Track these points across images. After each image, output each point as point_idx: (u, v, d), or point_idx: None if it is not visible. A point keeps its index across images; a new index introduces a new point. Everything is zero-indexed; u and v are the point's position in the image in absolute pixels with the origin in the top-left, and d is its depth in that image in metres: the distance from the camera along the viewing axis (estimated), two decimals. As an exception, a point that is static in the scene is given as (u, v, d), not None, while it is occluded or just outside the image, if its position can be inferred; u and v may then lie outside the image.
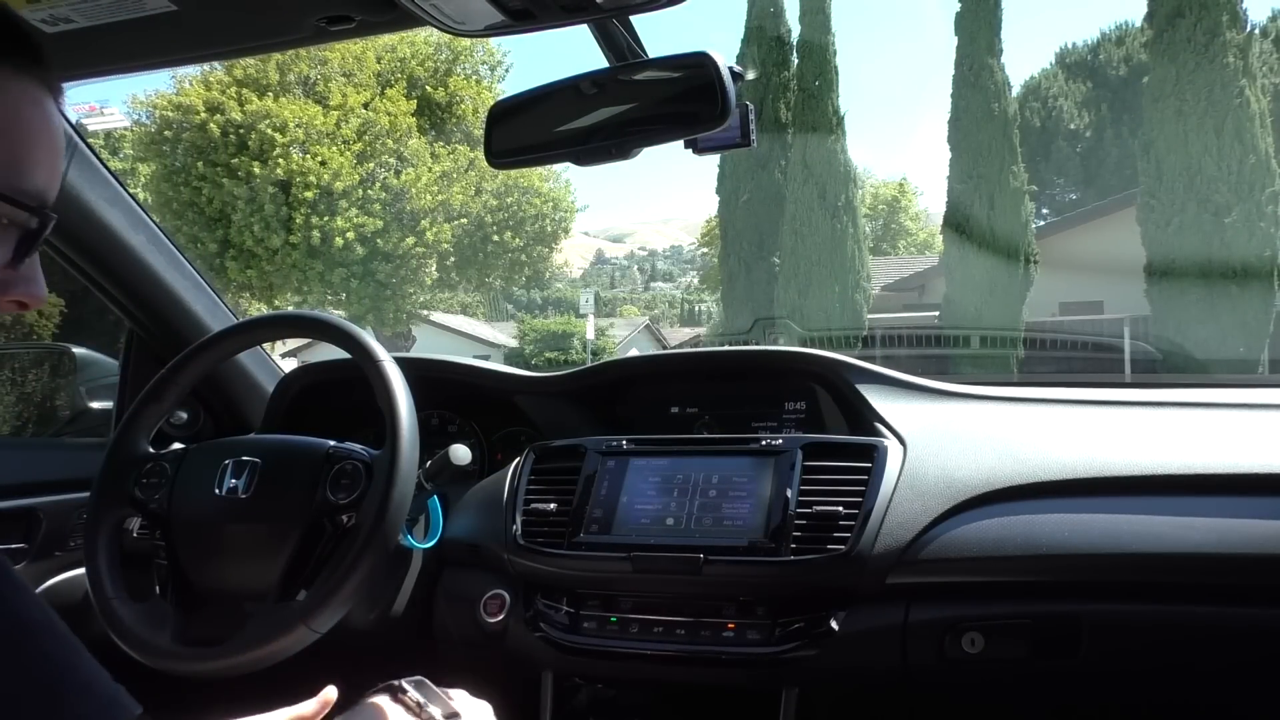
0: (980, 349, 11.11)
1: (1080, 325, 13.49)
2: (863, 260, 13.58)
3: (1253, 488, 1.09)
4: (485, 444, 1.59)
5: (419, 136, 16.93)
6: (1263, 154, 10.75)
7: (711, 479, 1.23)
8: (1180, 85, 10.95)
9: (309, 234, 15.76)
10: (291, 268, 16.38)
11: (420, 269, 16.93)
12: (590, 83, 0.95)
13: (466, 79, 18.12)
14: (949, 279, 13.01)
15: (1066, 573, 1.10)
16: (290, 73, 16.47)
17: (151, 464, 1.20)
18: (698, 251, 54.21)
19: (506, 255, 18.12)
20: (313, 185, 15.65)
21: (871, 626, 1.12)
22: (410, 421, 1.10)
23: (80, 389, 1.82)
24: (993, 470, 1.16)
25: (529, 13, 0.82)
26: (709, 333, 21.52)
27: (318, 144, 15.87)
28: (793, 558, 1.13)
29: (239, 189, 15.67)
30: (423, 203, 16.41)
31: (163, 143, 16.10)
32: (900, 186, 34.15)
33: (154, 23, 0.90)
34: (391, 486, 1.06)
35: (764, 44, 14.06)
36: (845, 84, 13.85)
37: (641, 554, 1.18)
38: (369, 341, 1.17)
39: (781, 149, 13.84)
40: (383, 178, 16.39)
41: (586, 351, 18.76)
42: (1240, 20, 11.13)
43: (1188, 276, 10.76)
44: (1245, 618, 1.06)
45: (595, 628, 1.20)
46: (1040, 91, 26.73)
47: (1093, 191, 23.72)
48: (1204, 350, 10.56)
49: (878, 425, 1.28)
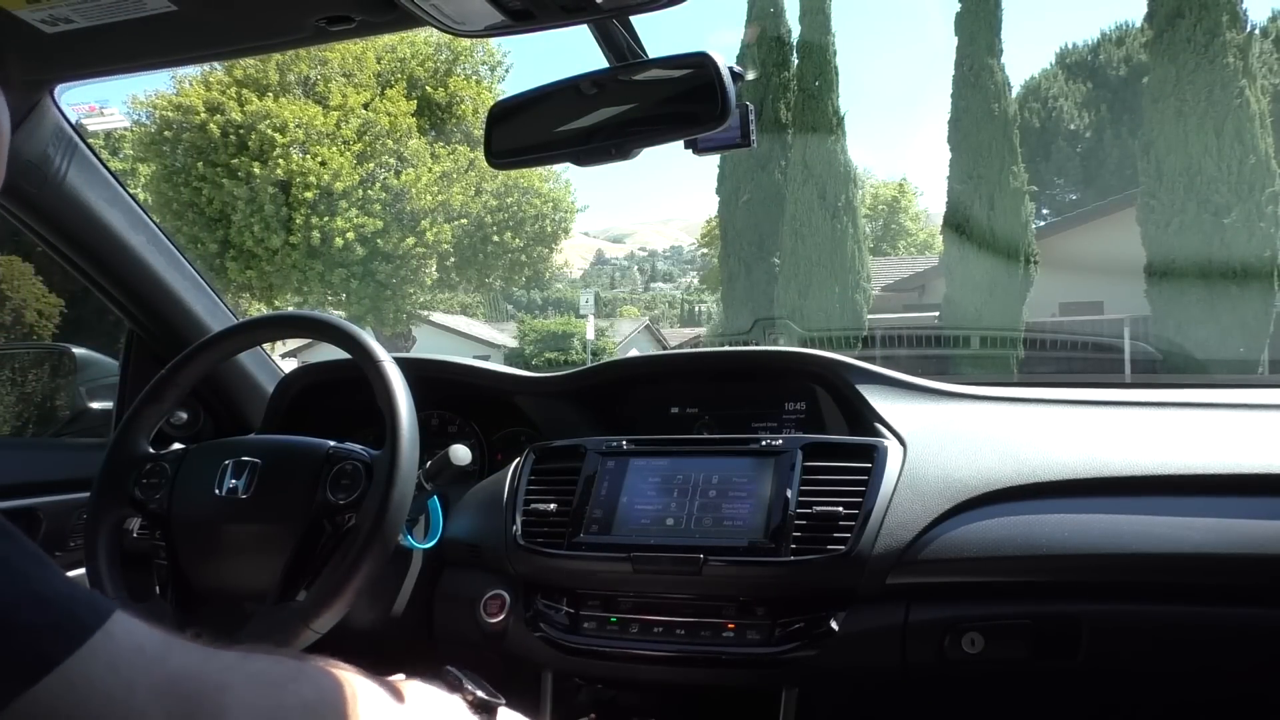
0: (980, 349, 11.11)
1: (1080, 325, 13.49)
2: (863, 260, 13.57)
3: (1252, 488, 1.09)
4: (485, 444, 1.59)
5: (419, 137, 16.93)
6: (1262, 154, 10.75)
7: (711, 479, 1.23)
8: (1180, 85, 10.94)
9: (309, 234, 15.76)
10: (291, 268, 16.38)
11: (420, 269, 16.94)
12: (590, 83, 0.95)
13: (466, 79, 18.13)
14: (949, 279, 13.00)
15: (1066, 573, 1.10)
16: (290, 73, 16.48)
17: (151, 464, 1.20)
18: (698, 252, 54.26)
19: (506, 256, 18.13)
20: (313, 185, 15.65)
21: (871, 627, 1.12)
22: (410, 422, 1.10)
23: (80, 389, 1.82)
24: (993, 470, 1.16)
25: (529, 13, 0.82)
26: (709, 333, 21.51)
27: (318, 144, 15.88)
28: (793, 558, 1.13)
29: (239, 189, 15.68)
30: (423, 203, 16.42)
31: (163, 143, 16.11)
32: (900, 187, 34.17)
33: (154, 23, 0.90)
34: (391, 487, 1.06)
35: (764, 44, 14.06)
36: (845, 84, 13.86)
37: (641, 554, 1.18)
38: (369, 342, 1.17)
39: (781, 149, 13.84)
40: (383, 178, 16.40)
41: (586, 352, 18.76)
42: (1240, 20, 11.13)
43: (1188, 277, 10.76)
44: (1245, 618, 1.06)
45: (595, 628, 1.20)
46: (1040, 92, 26.73)
47: (1093, 192, 23.72)
48: (1204, 350, 10.56)
49: (878, 426, 1.28)
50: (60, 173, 1.26)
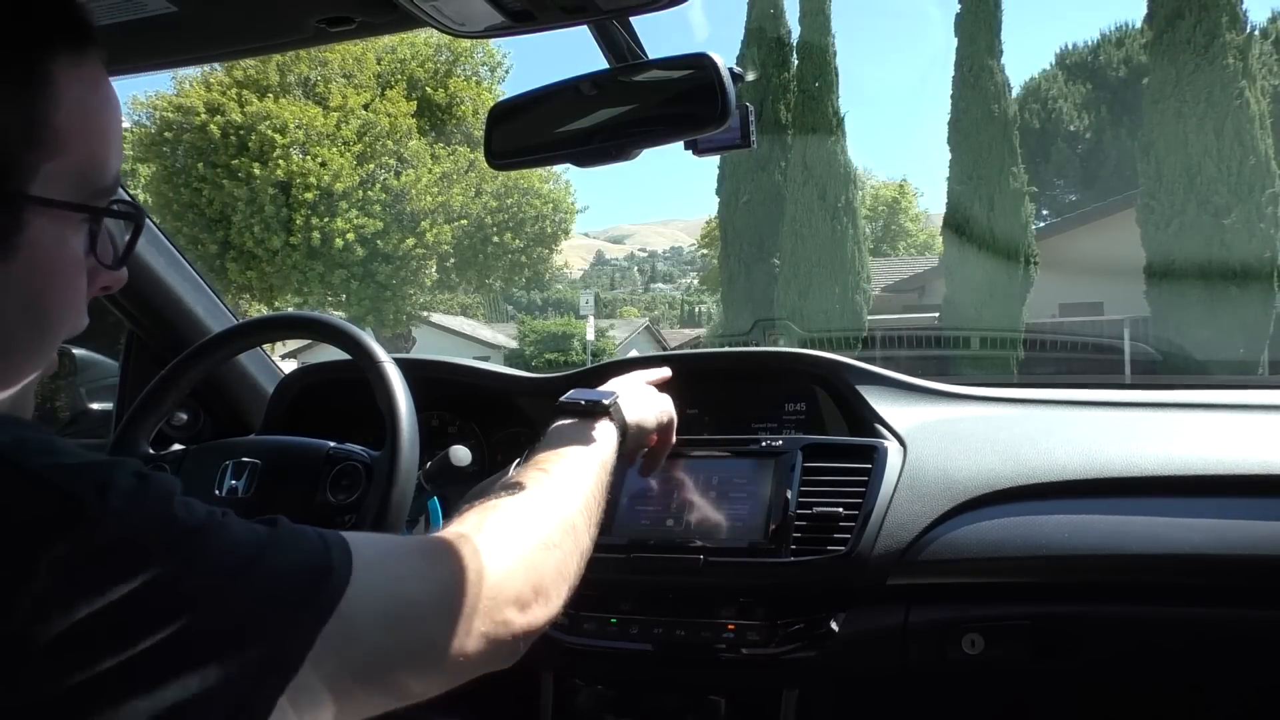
0: (980, 350, 11.10)
1: (1080, 326, 13.49)
2: (863, 261, 13.58)
3: (1253, 488, 1.09)
4: (485, 445, 1.58)
5: (419, 138, 16.94)
6: (1262, 155, 10.75)
7: (711, 480, 1.23)
8: (1180, 87, 10.95)
9: (309, 235, 15.76)
10: (291, 269, 16.38)
11: (420, 270, 16.95)
12: (590, 84, 0.95)
13: (466, 80, 18.15)
14: (949, 280, 13.01)
15: (1067, 574, 1.10)
16: (290, 74, 16.49)
17: (151, 465, 1.20)
18: (698, 253, 54.25)
19: (506, 256, 18.14)
20: (313, 186, 15.66)
21: (872, 627, 1.12)
22: (410, 423, 1.10)
23: (80, 390, 1.82)
24: (993, 471, 1.16)
25: (529, 14, 0.82)
26: (709, 334, 21.52)
27: (318, 145, 15.89)
28: (793, 559, 1.13)
29: (239, 190, 15.68)
30: (423, 204, 16.42)
31: (163, 144, 16.12)
32: (900, 188, 34.20)
33: (154, 24, 0.90)
34: (391, 488, 1.06)
35: (764, 45, 14.06)
36: (845, 85, 13.88)
37: (642, 555, 1.18)
38: (369, 342, 1.17)
39: (781, 150, 13.85)
40: (383, 179, 16.40)
41: (586, 353, 18.76)
42: (1240, 22, 11.14)
43: (1187, 278, 10.76)
44: (1245, 619, 1.06)
45: (595, 628, 1.20)
46: (1040, 93, 26.75)
47: (1093, 193, 23.72)
48: (1204, 351, 10.56)
49: (878, 426, 1.28)
50: (60, 173, 1.26)
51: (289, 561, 0.53)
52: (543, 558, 0.70)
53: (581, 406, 0.93)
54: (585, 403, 0.93)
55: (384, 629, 0.56)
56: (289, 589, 0.51)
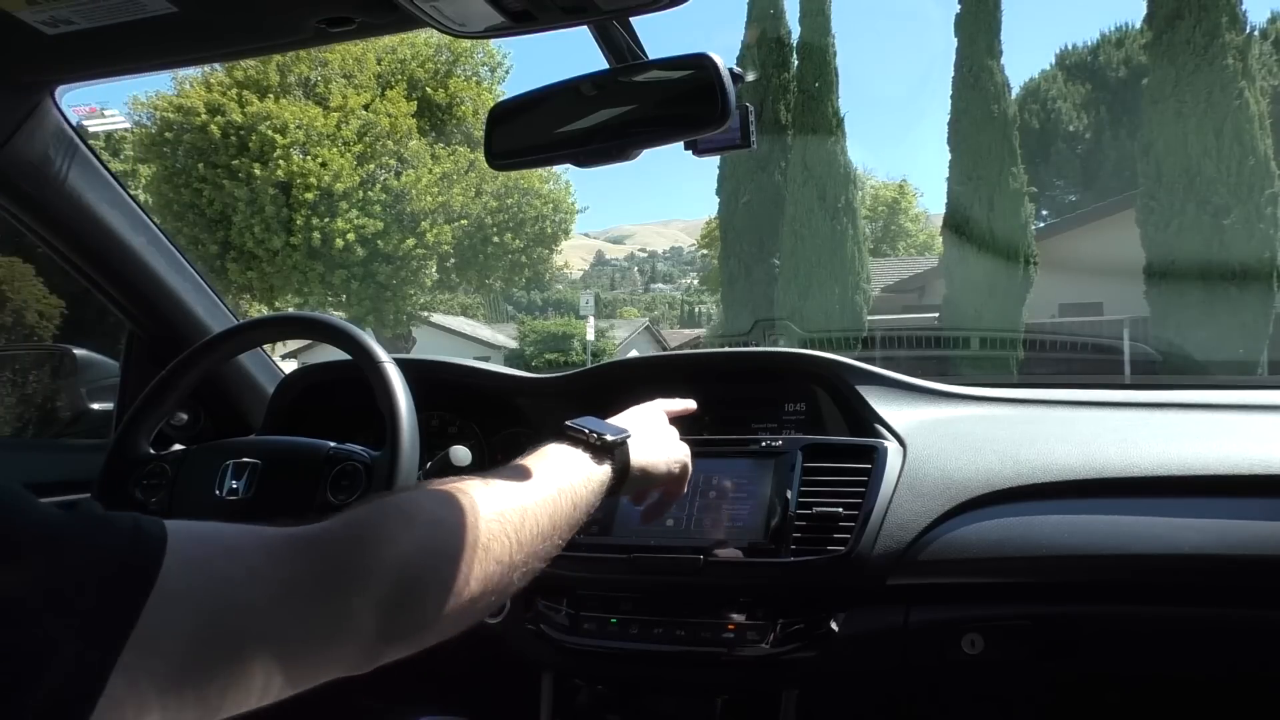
0: (980, 350, 11.08)
1: (1080, 327, 13.48)
2: (862, 261, 13.57)
3: (1252, 488, 1.09)
4: (485, 445, 1.58)
5: (419, 138, 16.94)
6: (1262, 156, 10.74)
7: (711, 480, 1.23)
8: (1179, 87, 10.95)
9: (309, 235, 15.76)
10: (292, 269, 16.38)
11: (420, 270, 16.94)
12: (590, 84, 0.95)
13: (466, 80, 18.14)
14: (949, 280, 13.01)
15: (1066, 574, 1.10)
16: (291, 74, 16.49)
17: (152, 465, 1.20)
18: (698, 253, 54.22)
19: (507, 257, 18.13)
20: (313, 187, 15.66)
21: (871, 628, 1.12)
22: (410, 423, 1.10)
23: (81, 390, 1.82)
24: (993, 471, 1.16)
25: (529, 14, 0.82)
26: (709, 334, 21.52)
27: (318, 145, 15.88)
28: (792, 559, 1.13)
29: (240, 190, 15.68)
30: (423, 204, 16.42)
31: (163, 144, 16.12)
32: (900, 188, 34.19)
33: (154, 24, 0.90)
34: (392, 488, 1.06)
35: (764, 45, 14.06)
36: (845, 85, 13.87)
37: (642, 555, 1.18)
38: (369, 343, 1.17)
39: (781, 150, 13.85)
40: (383, 179, 16.40)
41: (586, 353, 18.76)
42: (1239, 22, 11.13)
43: (1187, 278, 10.75)
44: (1245, 619, 1.06)
45: (595, 629, 1.20)
46: (1040, 93, 26.74)
47: (1092, 193, 23.72)
48: (1203, 352, 10.55)
49: (877, 426, 1.28)
50: (61, 174, 1.26)
51: (88, 559, 0.49)
52: (432, 564, 0.64)
53: (585, 437, 0.86)
54: (592, 435, 0.86)
55: (203, 628, 0.50)
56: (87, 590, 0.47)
